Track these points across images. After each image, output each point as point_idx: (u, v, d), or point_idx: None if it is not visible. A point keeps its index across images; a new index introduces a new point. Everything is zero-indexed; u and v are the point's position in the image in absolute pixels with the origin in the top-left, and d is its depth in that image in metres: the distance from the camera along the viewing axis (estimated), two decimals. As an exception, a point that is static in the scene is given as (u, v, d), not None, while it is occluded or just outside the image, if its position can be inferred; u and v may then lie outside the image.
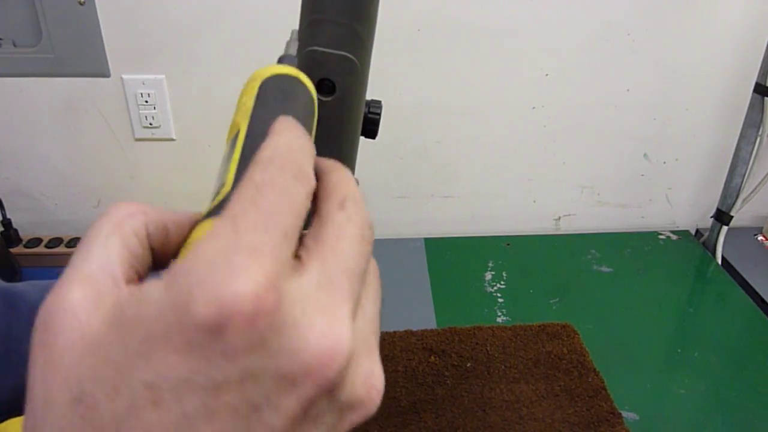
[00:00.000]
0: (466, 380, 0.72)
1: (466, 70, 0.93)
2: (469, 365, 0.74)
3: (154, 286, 0.17)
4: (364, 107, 0.36)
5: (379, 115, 0.37)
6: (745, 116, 0.93)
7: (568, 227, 1.09)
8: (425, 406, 0.69)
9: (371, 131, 0.37)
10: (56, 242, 0.93)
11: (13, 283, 0.45)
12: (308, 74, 0.32)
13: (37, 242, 0.93)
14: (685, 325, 0.85)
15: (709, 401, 0.72)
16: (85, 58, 0.86)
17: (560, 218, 1.09)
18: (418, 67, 0.92)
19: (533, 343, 0.78)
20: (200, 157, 0.98)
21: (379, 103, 0.37)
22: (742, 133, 0.94)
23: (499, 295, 0.88)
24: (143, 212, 0.20)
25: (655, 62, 0.94)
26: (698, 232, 1.07)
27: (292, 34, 0.26)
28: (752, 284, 0.93)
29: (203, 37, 0.88)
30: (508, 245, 1.00)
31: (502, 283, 0.90)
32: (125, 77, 0.90)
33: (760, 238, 1.06)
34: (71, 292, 0.18)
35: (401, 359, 0.74)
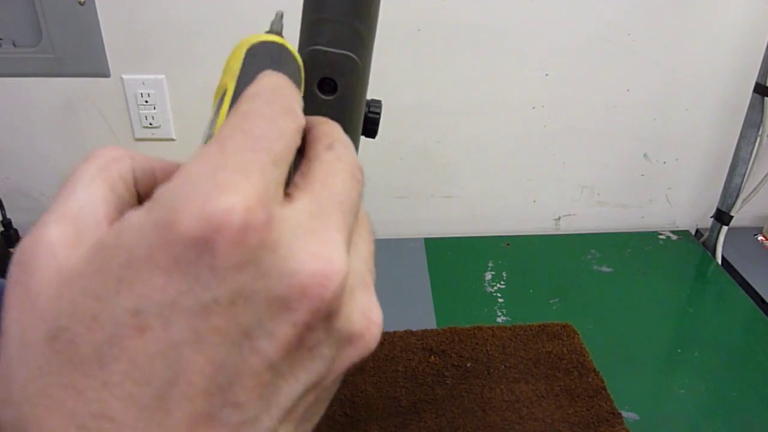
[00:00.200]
0: (466, 380, 0.72)
1: (466, 70, 0.93)
2: (469, 365, 0.74)
3: (135, 212, 0.16)
4: (364, 107, 0.36)
5: (379, 114, 0.37)
6: (745, 116, 0.93)
7: (568, 227, 1.09)
8: (425, 406, 0.69)
9: (371, 131, 0.37)
10: (56, 242, 0.93)
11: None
12: (310, 73, 0.32)
13: (37, 242, 0.92)
14: (685, 325, 0.85)
15: (709, 401, 0.72)
16: (85, 58, 0.86)
17: (560, 218, 1.09)
18: (418, 67, 0.92)
19: (533, 343, 0.78)
20: (200, 157, 0.97)
21: (379, 102, 0.37)
22: (742, 133, 0.94)
23: (499, 295, 0.88)
24: (130, 157, 0.19)
25: (655, 62, 0.94)
26: (698, 232, 1.07)
27: (276, 14, 0.26)
28: (752, 284, 0.93)
29: (203, 37, 0.88)
30: (508, 245, 1.00)
31: (502, 283, 0.90)
32: (125, 77, 0.90)
33: (760, 238, 1.06)
34: (49, 230, 0.17)
35: (401, 359, 0.74)
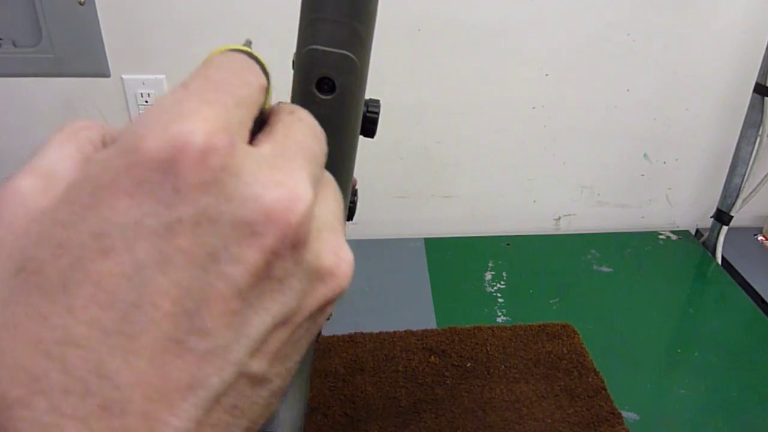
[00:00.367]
0: (466, 380, 0.72)
1: (466, 70, 0.93)
2: (469, 365, 0.74)
3: (102, 151, 0.16)
4: (363, 106, 0.36)
5: (377, 114, 0.37)
6: (745, 116, 0.93)
7: (568, 227, 1.09)
8: (425, 406, 0.69)
9: (370, 130, 0.37)
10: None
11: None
12: (308, 73, 0.32)
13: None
14: (685, 325, 0.85)
15: (709, 401, 0.72)
16: (85, 58, 0.86)
17: (560, 218, 1.09)
18: (418, 67, 0.92)
19: (533, 343, 0.78)
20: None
21: (377, 102, 0.37)
22: (742, 133, 0.94)
23: (499, 295, 0.88)
24: (100, 126, 0.20)
25: (655, 62, 0.94)
26: (698, 232, 1.07)
27: (246, 41, 0.26)
28: (752, 284, 0.93)
29: (203, 37, 0.88)
30: (508, 245, 1.00)
31: (502, 283, 0.90)
32: (125, 77, 0.90)
33: (760, 238, 1.06)
34: (18, 181, 0.17)
35: (401, 359, 0.74)
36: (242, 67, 0.19)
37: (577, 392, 0.71)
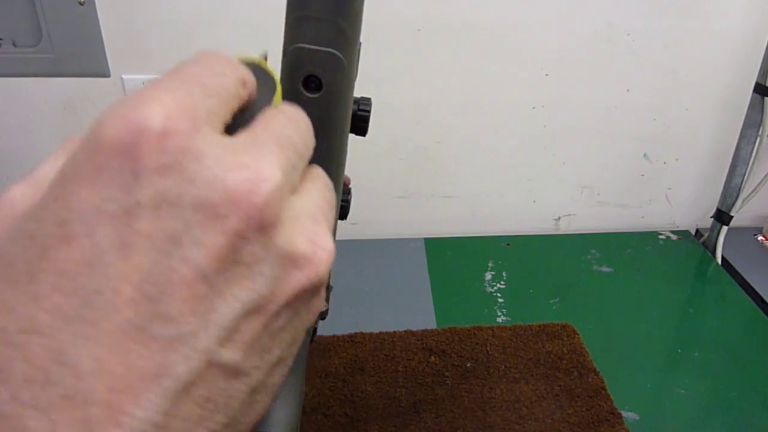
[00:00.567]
0: (466, 380, 0.72)
1: (466, 70, 0.93)
2: (469, 365, 0.74)
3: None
4: (352, 104, 0.36)
5: (368, 112, 0.37)
6: (745, 116, 0.93)
7: (568, 227, 1.09)
8: (425, 406, 0.69)
9: (361, 128, 0.37)
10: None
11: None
12: (294, 71, 0.32)
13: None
14: (685, 325, 0.85)
15: (709, 401, 0.72)
16: (85, 58, 0.86)
17: (560, 218, 1.09)
18: (418, 67, 0.92)
19: (533, 343, 0.78)
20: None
21: (368, 100, 0.37)
22: (742, 133, 0.94)
23: (499, 295, 0.88)
24: None
25: (655, 62, 0.94)
26: (698, 232, 1.07)
27: (261, 51, 0.27)
28: (752, 284, 0.93)
29: (203, 37, 0.88)
30: (508, 245, 1.00)
31: (502, 283, 0.90)
32: (125, 77, 0.90)
33: (760, 238, 1.06)
34: (12, 189, 0.18)
35: (401, 359, 0.74)
36: (218, 61, 0.19)
37: (577, 392, 0.71)
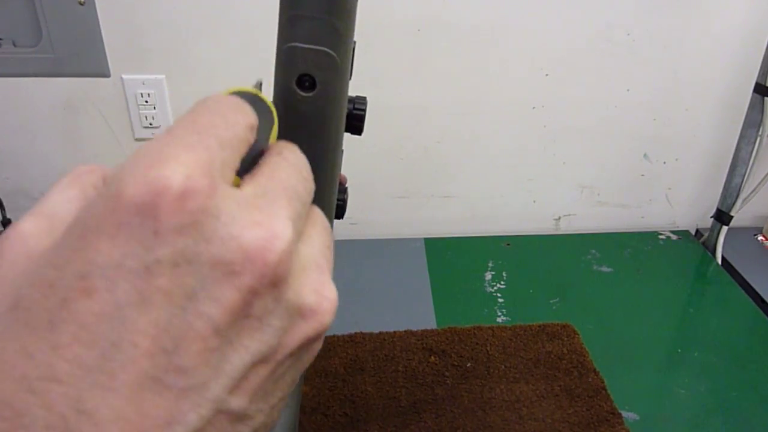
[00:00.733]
0: (466, 380, 0.72)
1: (466, 70, 0.93)
2: (469, 365, 0.74)
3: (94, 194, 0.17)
4: (346, 103, 0.36)
5: (364, 111, 0.37)
6: (745, 116, 0.93)
7: (568, 227, 1.09)
8: (425, 406, 0.69)
9: (357, 127, 0.38)
10: (56, 242, 0.93)
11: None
12: (288, 70, 0.32)
13: (37, 242, 0.92)
14: (685, 325, 0.85)
15: (709, 401, 0.72)
16: (85, 58, 0.86)
17: (560, 218, 1.09)
18: (418, 67, 0.92)
19: (533, 343, 0.78)
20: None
21: (363, 99, 0.37)
22: (742, 133, 0.94)
23: (499, 295, 0.88)
24: (102, 169, 0.21)
25: (655, 62, 0.94)
26: (698, 232, 1.07)
27: (256, 82, 0.27)
28: (752, 284, 0.93)
29: (203, 37, 0.88)
30: (508, 245, 1.00)
31: (502, 283, 0.90)
32: (125, 77, 0.90)
33: (760, 238, 1.06)
34: (24, 223, 0.18)
35: (401, 359, 0.74)
36: (230, 108, 0.19)
37: (577, 392, 0.71)
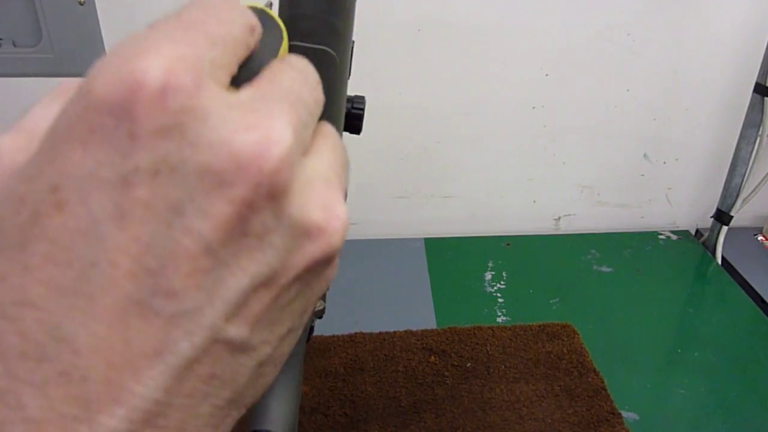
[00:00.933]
0: (466, 380, 0.72)
1: (466, 70, 0.93)
2: (469, 365, 0.74)
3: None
4: (345, 102, 0.36)
5: (362, 110, 0.37)
6: (745, 116, 0.93)
7: (568, 227, 1.09)
8: (425, 406, 0.69)
9: (355, 126, 0.38)
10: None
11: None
12: None
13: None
14: (685, 325, 0.85)
15: (709, 401, 0.72)
16: (85, 58, 0.86)
17: (560, 218, 1.09)
18: (418, 67, 0.92)
19: (533, 343, 0.78)
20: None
21: (362, 98, 0.37)
22: (742, 133, 0.94)
23: (499, 295, 0.88)
24: None
25: (655, 62, 0.94)
26: (698, 232, 1.07)
27: (267, 3, 0.26)
28: (752, 284, 0.93)
29: (203, 37, 0.88)
30: (508, 245, 1.00)
31: (502, 283, 0.90)
32: (125, 77, 0.90)
33: (760, 238, 1.06)
34: (1, 138, 0.16)
35: (401, 359, 0.74)
36: (223, 5, 0.17)
37: (577, 392, 0.71)
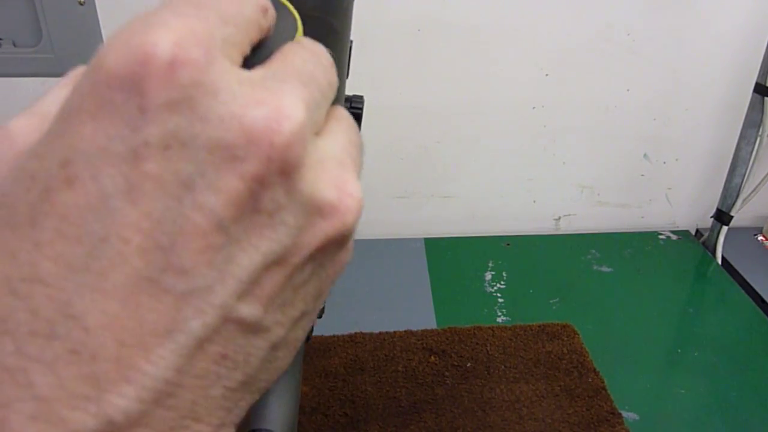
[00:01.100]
0: (466, 380, 0.72)
1: (466, 70, 0.93)
2: (469, 365, 0.74)
3: None
4: (344, 102, 0.36)
5: (361, 110, 0.37)
6: (745, 116, 0.93)
7: (568, 227, 1.09)
8: (425, 406, 0.69)
9: None
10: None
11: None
12: None
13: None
14: (685, 325, 0.85)
15: (709, 401, 0.72)
16: (85, 58, 0.85)
17: (560, 218, 1.09)
18: (418, 67, 0.92)
19: (533, 343, 0.78)
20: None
21: (361, 98, 0.37)
22: (742, 133, 0.94)
23: (499, 295, 0.88)
24: None
25: (655, 62, 0.94)
26: (698, 232, 1.07)
27: None
28: (752, 284, 0.93)
29: (203, 37, 0.88)
30: (508, 245, 1.00)
31: (502, 283, 0.90)
32: (125, 77, 0.90)
33: (760, 238, 1.06)
34: (13, 121, 0.16)
35: (401, 359, 0.74)
36: None
37: (577, 392, 0.71)
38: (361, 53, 0.34)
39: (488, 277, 0.92)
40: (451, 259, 0.96)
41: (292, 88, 0.16)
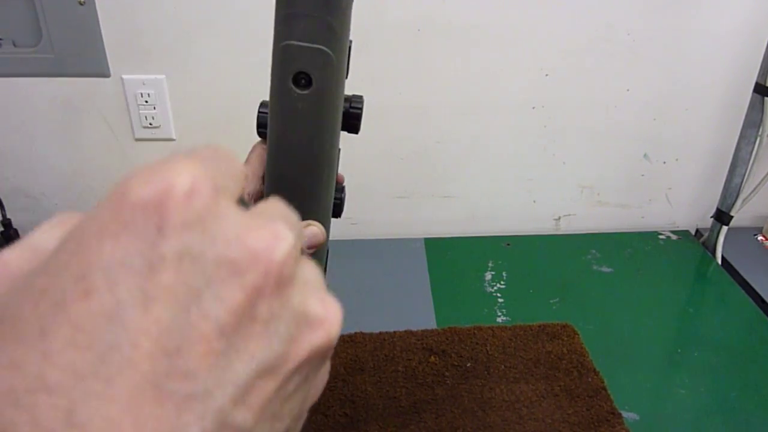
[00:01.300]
0: (466, 380, 0.72)
1: (466, 70, 0.93)
2: (469, 365, 0.74)
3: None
4: (342, 100, 0.36)
5: (360, 109, 0.37)
6: (745, 116, 0.93)
7: (568, 227, 1.09)
8: (425, 406, 0.69)
9: (353, 126, 0.38)
10: (56, 242, 0.93)
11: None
12: (284, 68, 0.32)
13: (37, 242, 0.92)
14: (685, 325, 0.85)
15: (709, 401, 0.72)
16: (85, 58, 0.86)
17: (560, 218, 1.09)
18: (418, 67, 0.92)
19: (533, 343, 0.78)
20: (200, 157, 0.97)
21: (360, 98, 0.37)
22: (742, 133, 0.94)
23: (499, 295, 0.88)
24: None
25: (655, 62, 0.94)
26: (698, 232, 1.07)
27: None
28: (752, 284, 0.93)
29: (203, 37, 0.88)
30: (508, 245, 1.00)
31: (502, 283, 0.90)
32: (125, 77, 0.90)
33: (760, 238, 1.06)
34: (8, 252, 0.18)
35: (401, 359, 0.74)
36: (227, 153, 0.20)
37: (577, 392, 0.71)
38: (361, 53, 0.34)
39: (488, 277, 0.92)
40: (451, 259, 0.96)
41: (282, 222, 0.18)
